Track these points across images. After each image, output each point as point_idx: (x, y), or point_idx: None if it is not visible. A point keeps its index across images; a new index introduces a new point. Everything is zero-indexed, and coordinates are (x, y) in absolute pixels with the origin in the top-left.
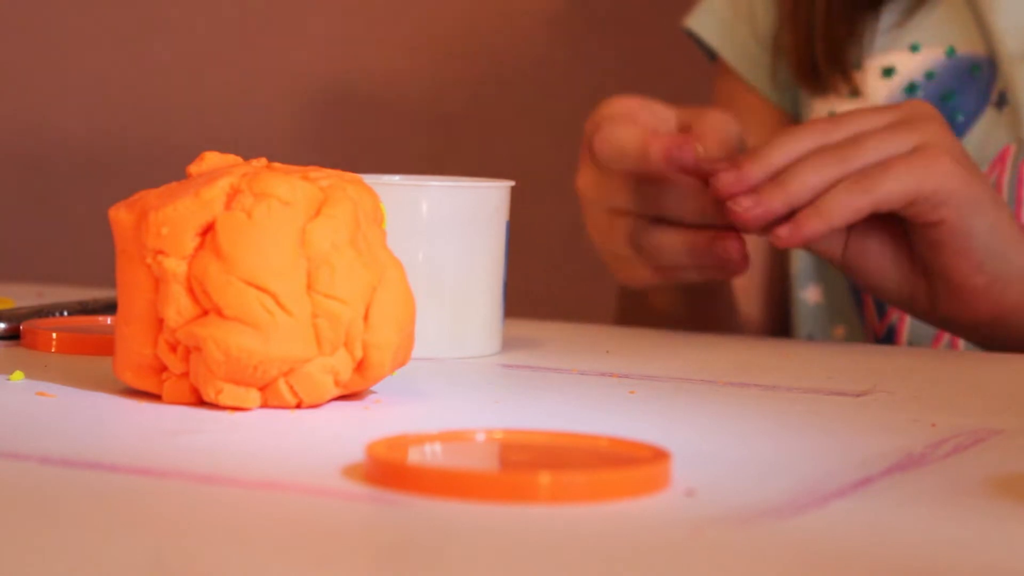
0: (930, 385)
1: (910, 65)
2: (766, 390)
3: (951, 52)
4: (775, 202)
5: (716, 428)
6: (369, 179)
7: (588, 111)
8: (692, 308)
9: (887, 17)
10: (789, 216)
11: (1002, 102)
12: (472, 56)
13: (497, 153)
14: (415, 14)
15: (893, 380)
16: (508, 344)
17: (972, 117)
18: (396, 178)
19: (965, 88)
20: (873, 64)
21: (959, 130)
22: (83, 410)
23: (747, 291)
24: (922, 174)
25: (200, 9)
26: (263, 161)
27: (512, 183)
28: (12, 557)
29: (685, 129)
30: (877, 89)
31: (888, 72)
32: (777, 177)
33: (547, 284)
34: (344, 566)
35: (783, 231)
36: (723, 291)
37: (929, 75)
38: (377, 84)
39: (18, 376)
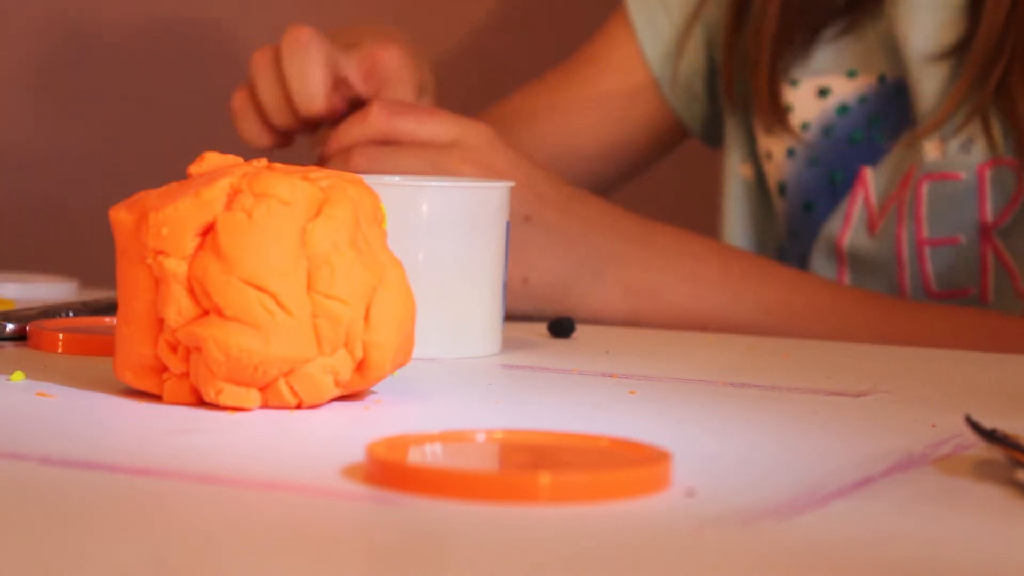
0: (930, 385)
1: (845, 89)
2: (766, 390)
3: (883, 79)
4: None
5: (716, 428)
6: (369, 179)
7: None
8: None
9: (824, 36)
10: None
11: (912, 124)
12: (471, 56)
13: None
14: (415, 14)
15: (893, 380)
16: (508, 344)
17: (892, 140)
18: (396, 178)
19: (891, 111)
20: (811, 83)
21: (879, 155)
22: (83, 410)
23: None
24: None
25: (199, 8)
26: (263, 161)
27: (512, 183)
28: (12, 557)
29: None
30: (809, 105)
31: (824, 92)
32: (340, 155)
33: None
34: (344, 566)
35: None
36: None
37: (862, 100)
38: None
39: (18, 376)
